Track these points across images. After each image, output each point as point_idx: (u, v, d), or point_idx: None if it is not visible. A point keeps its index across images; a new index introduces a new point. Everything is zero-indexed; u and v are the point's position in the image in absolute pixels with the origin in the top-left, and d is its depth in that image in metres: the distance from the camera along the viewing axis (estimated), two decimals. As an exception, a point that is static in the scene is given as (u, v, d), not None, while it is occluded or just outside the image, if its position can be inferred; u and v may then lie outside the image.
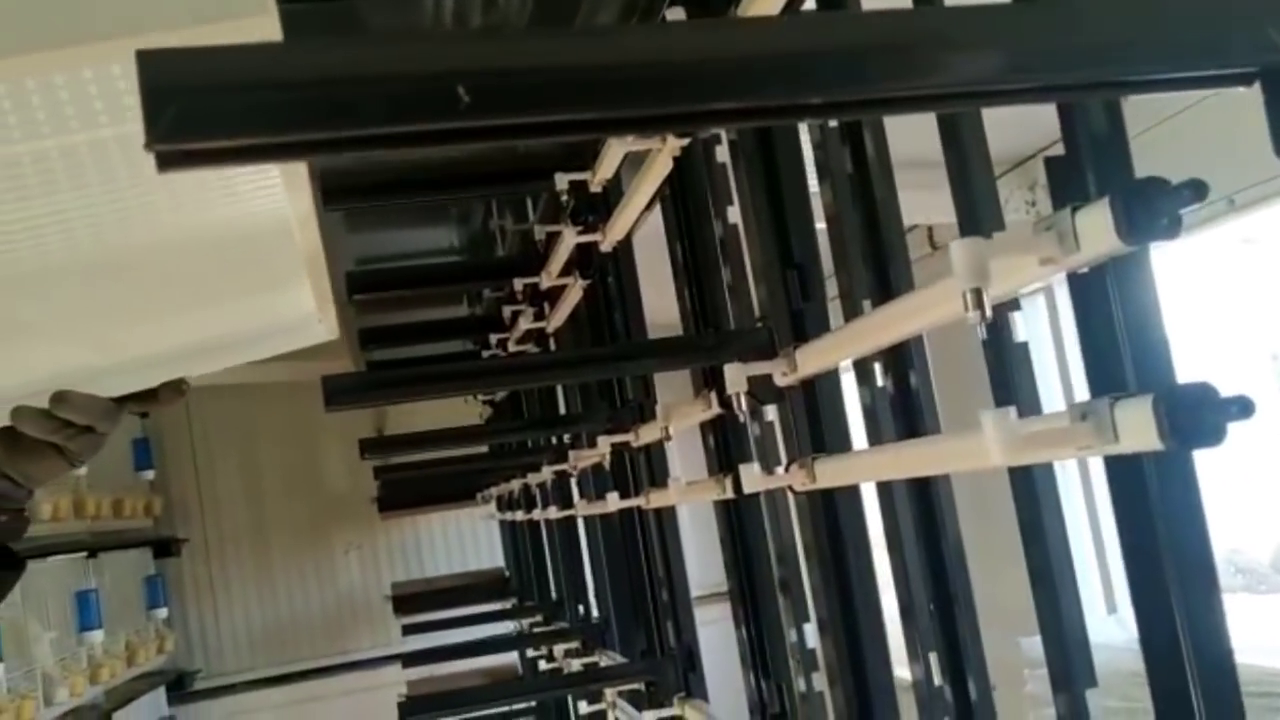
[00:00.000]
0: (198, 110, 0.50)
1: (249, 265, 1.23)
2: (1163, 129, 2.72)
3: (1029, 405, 1.39)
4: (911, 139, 1.63)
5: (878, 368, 1.61)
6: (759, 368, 1.45)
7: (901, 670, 1.65)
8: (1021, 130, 3.15)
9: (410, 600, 5.28)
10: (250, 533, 6.00)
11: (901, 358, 1.59)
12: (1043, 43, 0.66)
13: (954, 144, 1.42)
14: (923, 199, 1.96)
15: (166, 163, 0.51)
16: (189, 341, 1.38)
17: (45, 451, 1.20)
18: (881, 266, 1.57)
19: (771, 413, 1.79)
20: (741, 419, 1.50)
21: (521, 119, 0.56)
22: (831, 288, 1.66)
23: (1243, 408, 0.74)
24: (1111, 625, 3.12)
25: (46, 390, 1.17)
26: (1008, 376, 1.40)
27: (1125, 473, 0.92)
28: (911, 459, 1.21)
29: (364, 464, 4.93)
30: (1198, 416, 0.76)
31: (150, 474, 5.48)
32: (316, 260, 1.23)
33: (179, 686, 5.70)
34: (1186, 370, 1.01)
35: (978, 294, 0.85)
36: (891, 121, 1.60)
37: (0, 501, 1.21)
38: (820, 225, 1.67)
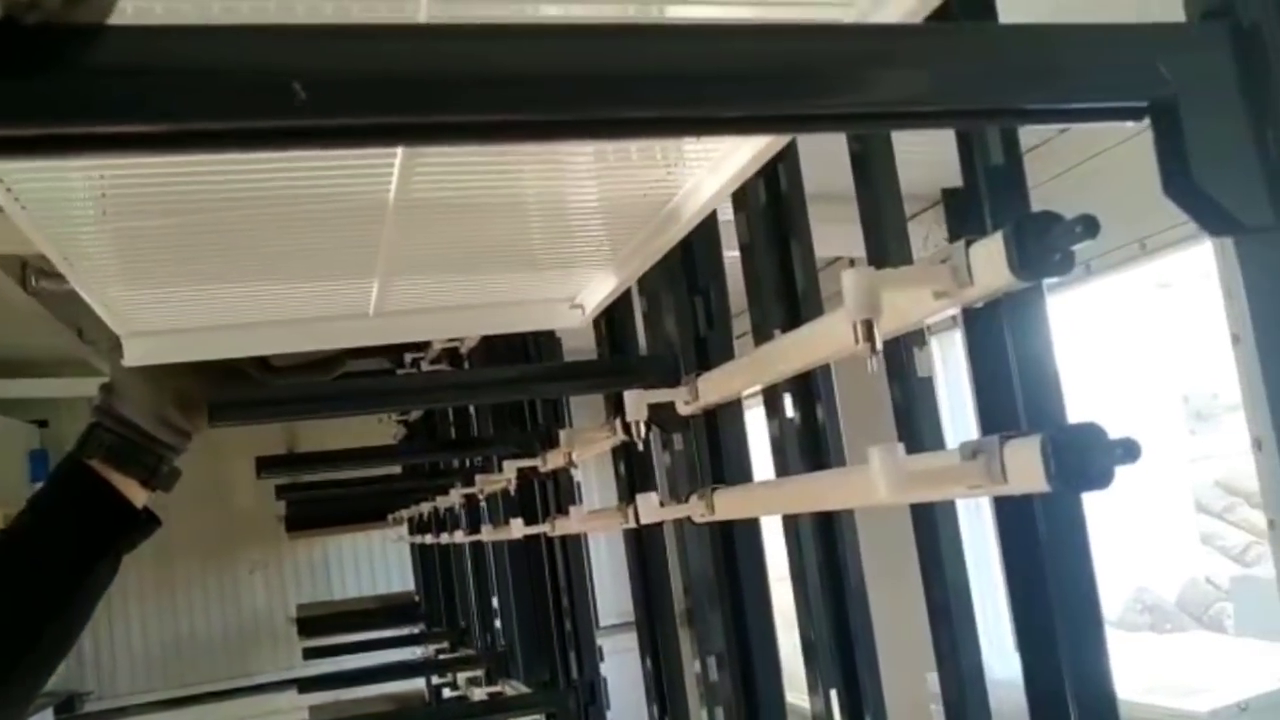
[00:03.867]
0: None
1: (581, 237, 1.24)
2: (1077, 171, 2.76)
3: (933, 442, 1.38)
4: (832, 171, 1.62)
5: (788, 400, 1.59)
6: (660, 395, 1.41)
7: (805, 701, 1.63)
8: (944, 167, 3.18)
9: (316, 622, 5.15)
10: (151, 549, 5.80)
11: (808, 390, 1.57)
12: (933, 69, 0.64)
13: (864, 176, 1.41)
14: (847, 231, 1.96)
15: (-42, 150, 0.46)
16: (451, 301, 1.40)
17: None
18: (793, 298, 1.56)
19: (680, 441, 1.76)
20: (640, 447, 1.47)
21: (368, 120, 0.52)
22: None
23: (1128, 450, 0.72)
24: (1018, 662, 3.12)
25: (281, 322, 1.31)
26: (911, 412, 1.39)
27: (1014, 514, 0.90)
28: (804, 493, 1.19)
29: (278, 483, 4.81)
30: (1085, 459, 0.73)
31: (48, 487, 5.27)
32: (656, 248, 1.25)
33: (68, 709, 5.47)
34: (1098, 411, 1.00)
35: (868, 326, 0.82)
36: (809, 153, 1.58)
37: (165, 451, 1.27)
38: (733, 253, 1.66)
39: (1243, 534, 4.80)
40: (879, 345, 0.84)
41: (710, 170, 1.06)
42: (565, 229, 1.22)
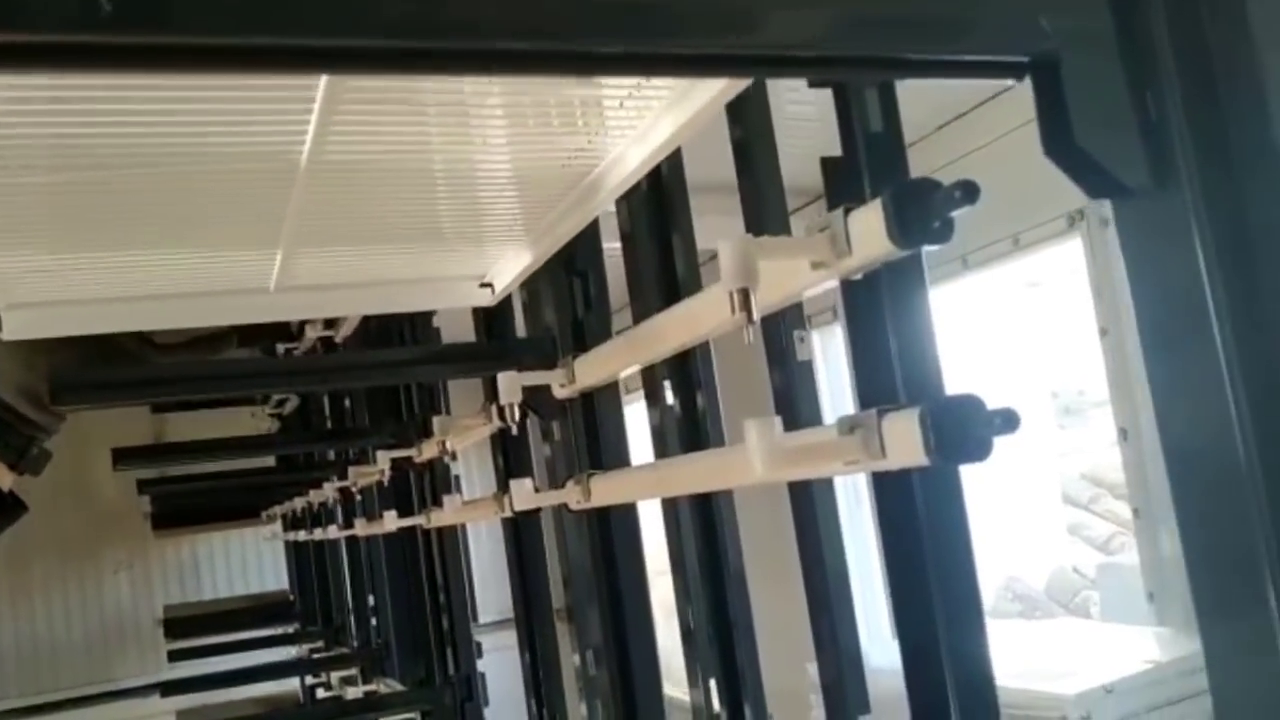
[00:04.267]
0: None
1: (496, 210, 1.21)
2: (954, 167, 2.79)
3: (811, 425, 1.36)
4: (716, 163, 1.60)
5: (667, 387, 1.57)
6: (535, 377, 1.37)
7: (685, 695, 1.61)
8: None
9: (184, 624, 4.96)
10: (6, 549, 5.51)
11: (688, 377, 1.54)
12: (810, 14, 0.61)
13: (746, 163, 1.39)
14: (730, 224, 1.95)
15: None
16: (358, 277, 1.36)
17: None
18: (674, 289, 1.53)
19: (559, 429, 1.72)
20: (514, 430, 1.42)
21: (177, 39, 0.46)
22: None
23: (1007, 420, 0.70)
24: (895, 649, 3.17)
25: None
26: (791, 397, 1.37)
27: (893, 491, 0.88)
28: (680, 475, 1.16)
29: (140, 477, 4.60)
30: (965, 430, 0.71)
31: (-108, 483, 4.95)
32: (574, 223, 1.21)
33: (-87, 720, 5.17)
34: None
35: (745, 295, 0.79)
36: (692, 145, 1.56)
37: (35, 432, 1.26)
38: (615, 245, 1.63)
39: (1107, 524, 4.97)
40: (755, 315, 0.81)
41: (635, 141, 1.03)
42: (480, 200, 1.19)
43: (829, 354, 3.29)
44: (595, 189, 1.12)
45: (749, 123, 1.34)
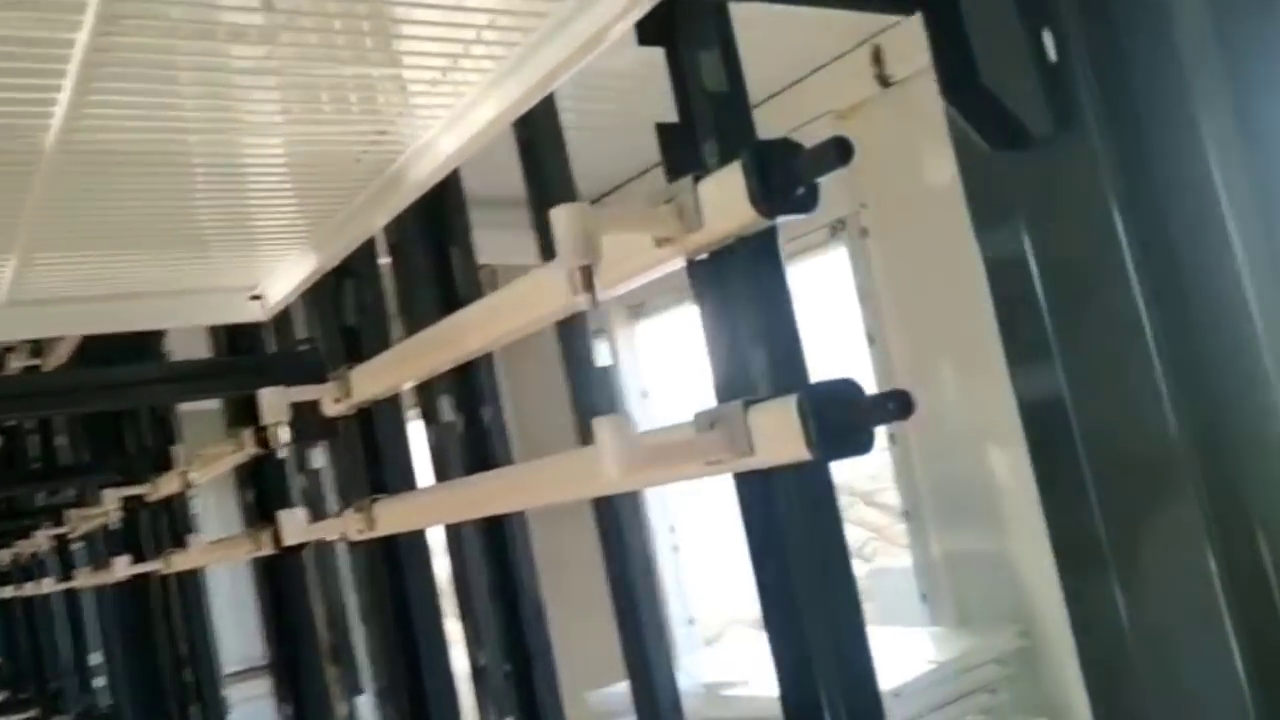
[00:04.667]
0: None
1: (270, 209, 1.07)
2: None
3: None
4: (493, 176, 1.49)
5: (445, 403, 1.43)
6: (303, 393, 1.20)
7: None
8: (613, 161, 3.09)
9: None
10: None
11: (473, 391, 1.41)
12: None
13: (534, 164, 1.28)
14: (501, 238, 1.84)
15: None
16: (107, 289, 1.19)
17: None
18: (452, 303, 1.40)
19: (320, 458, 1.55)
20: (282, 453, 1.24)
21: None
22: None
23: (901, 405, 0.62)
24: (686, 668, 3.13)
25: None
26: (592, 405, 1.26)
27: (755, 491, 0.78)
28: (502, 491, 1.02)
29: None
30: (849, 420, 0.63)
31: None
32: (371, 222, 1.09)
33: None
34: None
35: (586, 273, 0.68)
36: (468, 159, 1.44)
37: None
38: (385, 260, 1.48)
39: (862, 531, 5.12)
40: (600, 296, 0.70)
41: (447, 126, 0.90)
42: (252, 196, 1.03)
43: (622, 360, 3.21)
44: (396, 183, 0.98)
45: (537, 125, 1.23)
